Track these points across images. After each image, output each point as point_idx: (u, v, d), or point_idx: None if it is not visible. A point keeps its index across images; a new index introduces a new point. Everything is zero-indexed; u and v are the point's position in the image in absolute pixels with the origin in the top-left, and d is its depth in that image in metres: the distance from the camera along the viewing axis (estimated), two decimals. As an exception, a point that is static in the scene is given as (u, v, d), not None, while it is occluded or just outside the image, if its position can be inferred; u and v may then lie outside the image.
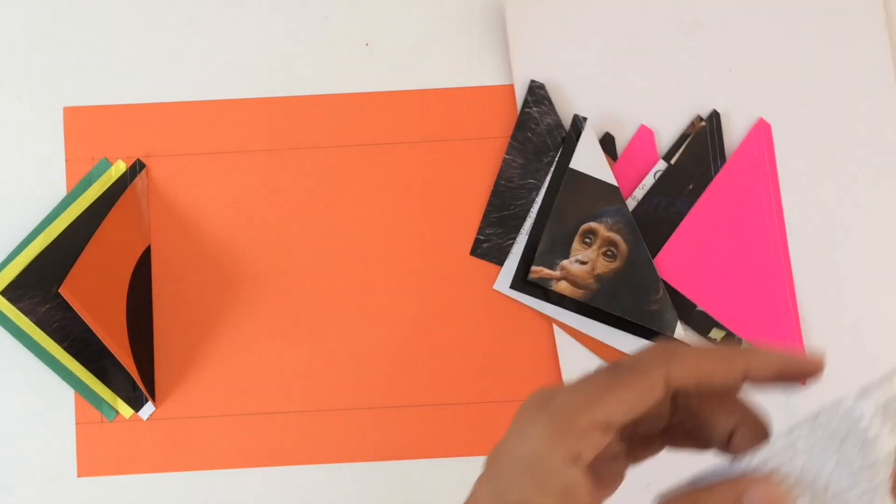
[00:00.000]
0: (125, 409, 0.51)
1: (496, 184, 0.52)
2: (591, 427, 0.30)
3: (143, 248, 0.51)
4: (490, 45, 0.53)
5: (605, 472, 0.33)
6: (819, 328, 0.51)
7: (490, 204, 0.52)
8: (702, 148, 0.52)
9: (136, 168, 0.52)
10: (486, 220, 0.51)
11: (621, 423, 0.30)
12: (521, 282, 0.51)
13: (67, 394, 0.51)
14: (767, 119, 0.52)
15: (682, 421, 0.33)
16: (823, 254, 0.51)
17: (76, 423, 0.51)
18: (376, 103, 0.52)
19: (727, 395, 0.33)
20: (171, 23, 0.53)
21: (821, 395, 0.51)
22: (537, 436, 0.31)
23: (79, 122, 0.52)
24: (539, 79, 0.52)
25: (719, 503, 0.32)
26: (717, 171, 0.51)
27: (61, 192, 0.52)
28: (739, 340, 0.50)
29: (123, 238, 0.51)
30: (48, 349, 0.50)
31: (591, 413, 0.30)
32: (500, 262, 0.51)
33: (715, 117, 0.52)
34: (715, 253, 0.51)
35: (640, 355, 0.31)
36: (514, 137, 0.52)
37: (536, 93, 0.52)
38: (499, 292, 0.51)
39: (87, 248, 0.48)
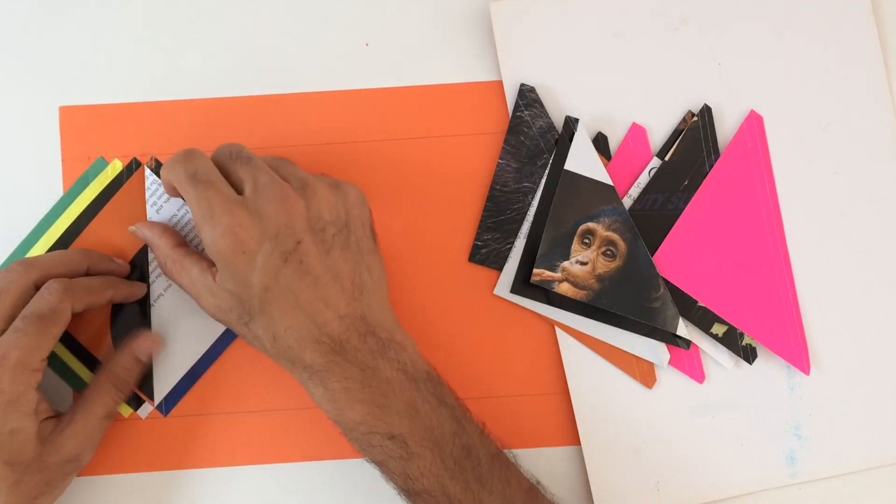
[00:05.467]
0: (124, 408, 0.51)
1: (491, 189, 0.52)
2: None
3: (139, 247, 0.51)
4: (490, 44, 0.53)
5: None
6: (819, 317, 0.51)
7: (486, 209, 0.52)
8: (695, 143, 0.52)
9: (133, 167, 0.52)
10: (483, 226, 0.52)
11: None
12: (522, 285, 0.51)
13: (66, 393, 0.51)
14: (759, 111, 0.52)
15: None
16: (820, 243, 0.52)
17: None
18: (373, 100, 0.53)
19: None
20: (169, 22, 0.53)
21: (823, 385, 0.52)
22: None
23: (75, 121, 0.52)
24: (529, 81, 0.52)
25: (124, 363, 0.48)
26: (711, 165, 0.52)
27: (58, 191, 0.52)
28: (741, 335, 0.50)
29: (118, 236, 0.51)
30: (54, 352, 0.50)
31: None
32: (499, 268, 0.51)
33: (706, 112, 0.52)
34: (713, 248, 0.51)
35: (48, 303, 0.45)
36: (506, 142, 0.52)
37: (527, 96, 0.52)
38: (499, 297, 0.51)
39: (75, 245, 0.50)
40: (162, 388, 0.51)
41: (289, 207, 0.43)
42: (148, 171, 0.52)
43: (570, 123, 0.52)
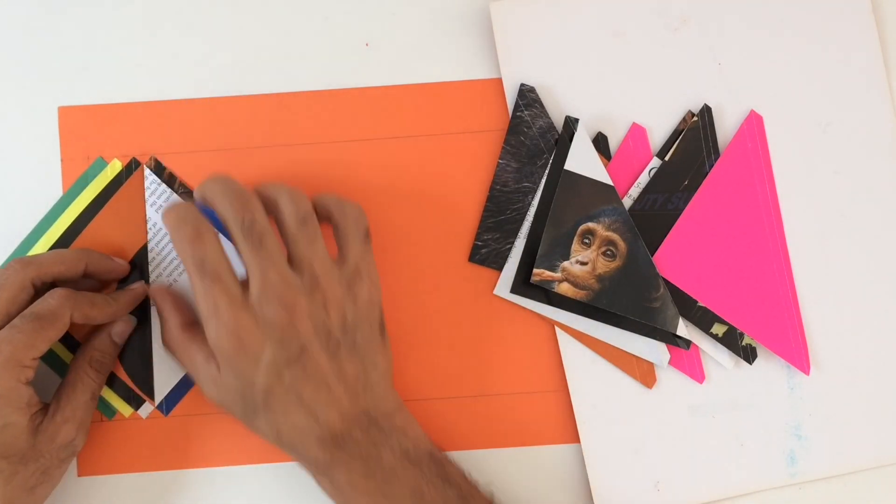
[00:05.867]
0: (124, 408, 0.51)
1: (491, 189, 0.52)
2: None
3: (139, 246, 0.51)
4: (490, 43, 0.53)
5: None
6: (819, 317, 0.51)
7: (486, 209, 0.52)
8: (695, 143, 0.52)
9: (132, 167, 0.52)
10: (483, 226, 0.52)
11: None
12: (522, 286, 0.51)
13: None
14: (759, 111, 0.52)
15: None
16: (820, 243, 0.52)
17: None
18: (373, 98, 0.53)
19: None
20: (169, 21, 0.53)
21: (823, 385, 0.52)
22: None
23: (74, 121, 0.52)
24: (529, 81, 0.52)
25: (100, 346, 0.49)
26: (711, 165, 0.52)
27: (57, 192, 0.52)
28: (741, 335, 0.50)
29: (117, 236, 0.51)
30: (52, 349, 0.50)
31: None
32: (499, 268, 0.51)
33: (706, 112, 0.52)
34: (713, 248, 0.51)
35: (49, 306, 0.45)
36: (506, 142, 0.52)
37: (527, 96, 0.52)
38: (499, 297, 0.51)
39: (74, 245, 0.50)
40: (162, 387, 0.51)
41: (295, 314, 0.43)
42: (147, 171, 0.52)
43: (570, 123, 0.52)
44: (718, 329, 0.50)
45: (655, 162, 0.52)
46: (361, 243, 0.46)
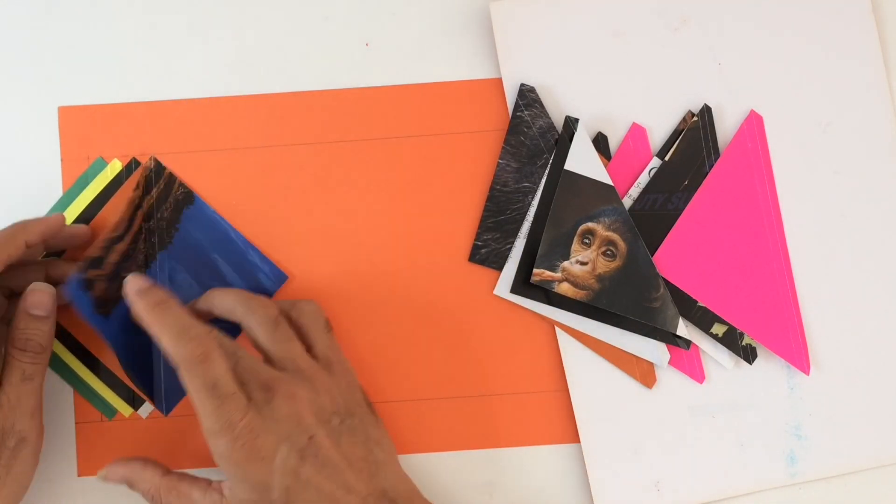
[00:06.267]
0: (124, 408, 0.51)
1: (491, 189, 0.52)
2: None
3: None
4: (490, 43, 0.53)
5: None
6: (819, 317, 0.51)
7: (486, 209, 0.52)
8: (695, 143, 0.52)
9: (132, 166, 0.52)
10: (483, 226, 0.52)
11: None
12: (522, 286, 0.51)
13: (66, 393, 0.51)
14: (759, 111, 0.52)
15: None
16: (820, 243, 0.52)
17: (76, 423, 0.51)
18: (373, 98, 0.53)
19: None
20: (169, 21, 0.53)
21: (823, 385, 0.52)
22: None
23: (74, 121, 0.52)
24: (529, 81, 0.52)
25: (20, 324, 0.46)
26: (711, 165, 0.52)
27: (57, 192, 0.52)
28: (741, 335, 0.50)
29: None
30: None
31: None
32: (499, 268, 0.51)
33: (706, 112, 0.52)
34: (713, 248, 0.51)
35: None
36: (506, 142, 0.52)
37: (527, 96, 0.52)
38: (499, 297, 0.51)
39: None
40: (162, 387, 0.51)
41: (297, 405, 0.44)
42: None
43: (570, 123, 0.52)
44: (718, 329, 0.50)
45: (655, 162, 0.52)
46: (325, 336, 0.48)
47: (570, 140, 0.51)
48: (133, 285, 0.45)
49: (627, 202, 0.51)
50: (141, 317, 0.44)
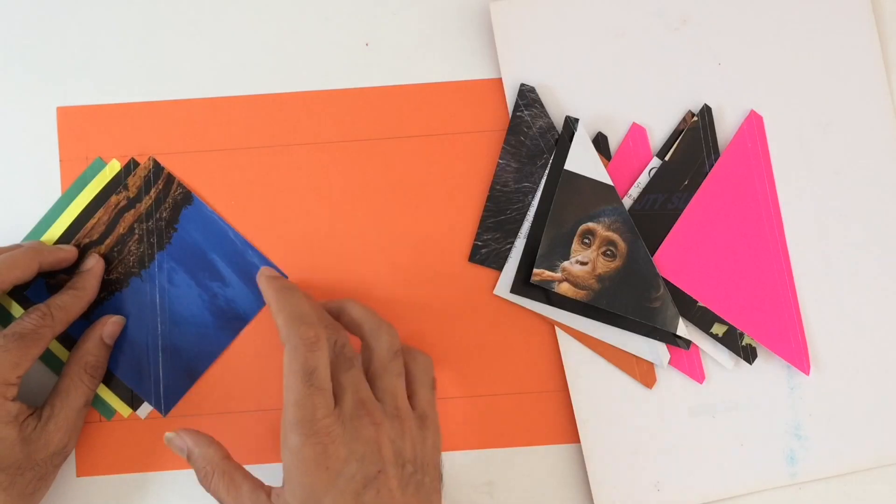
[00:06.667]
0: (123, 409, 0.51)
1: (491, 189, 0.52)
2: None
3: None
4: (490, 43, 0.53)
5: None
6: (819, 317, 0.51)
7: (486, 209, 0.52)
8: (695, 143, 0.52)
9: (131, 167, 0.52)
10: (483, 226, 0.51)
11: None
12: (522, 286, 0.51)
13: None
14: (759, 111, 0.52)
15: None
16: (820, 243, 0.52)
17: None
18: (373, 98, 0.53)
19: None
20: (169, 21, 0.53)
21: (823, 385, 0.52)
22: None
23: (72, 121, 0.52)
24: (529, 81, 0.52)
25: (93, 350, 0.49)
26: (711, 165, 0.52)
27: (56, 192, 0.52)
28: (741, 335, 0.50)
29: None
30: (48, 348, 0.50)
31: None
32: (499, 268, 0.51)
33: (706, 112, 0.52)
34: (713, 248, 0.51)
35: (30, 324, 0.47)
36: (506, 142, 0.52)
37: (527, 96, 0.52)
38: (499, 297, 0.51)
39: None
40: (161, 388, 0.51)
41: (380, 435, 0.43)
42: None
43: (570, 123, 0.52)
44: (718, 329, 0.50)
45: (655, 162, 0.52)
46: (429, 392, 0.47)
47: (570, 140, 0.51)
48: (265, 272, 0.48)
49: (627, 202, 0.51)
50: (268, 298, 0.45)
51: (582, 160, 0.51)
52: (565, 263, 0.50)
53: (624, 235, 0.50)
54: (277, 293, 0.45)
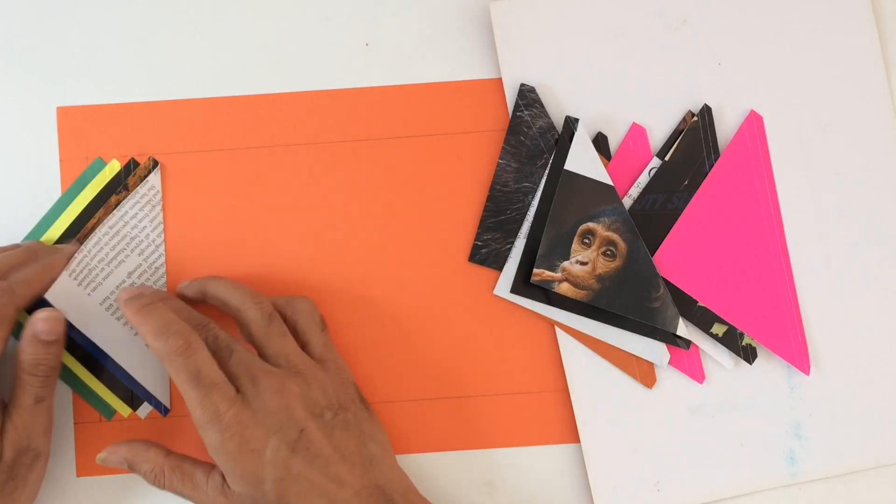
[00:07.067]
0: (123, 409, 0.51)
1: (491, 189, 0.52)
2: None
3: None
4: (490, 43, 0.53)
5: None
6: (819, 317, 0.51)
7: (486, 209, 0.52)
8: (695, 143, 0.52)
9: (131, 167, 0.52)
10: (483, 226, 0.51)
11: None
12: (522, 286, 0.51)
13: (65, 393, 0.51)
14: (759, 111, 0.52)
15: None
16: (820, 243, 0.52)
17: (74, 423, 0.51)
18: (372, 98, 0.53)
19: None
20: (169, 21, 0.53)
21: (823, 385, 0.52)
22: None
23: (72, 121, 0.52)
24: (529, 81, 0.52)
25: (28, 349, 0.46)
26: (711, 165, 0.52)
27: (56, 192, 0.52)
28: (741, 335, 0.50)
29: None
30: (63, 363, 0.50)
31: None
32: (499, 268, 0.51)
33: (706, 112, 0.52)
34: (713, 248, 0.51)
35: None
36: (506, 142, 0.52)
37: (527, 96, 0.52)
38: (499, 297, 0.51)
39: None
40: (161, 388, 0.51)
41: (288, 398, 0.44)
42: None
43: (570, 123, 0.52)
44: (718, 329, 0.50)
45: (655, 162, 0.52)
46: (320, 333, 0.48)
47: (570, 140, 0.51)
48: (122, 296, 0.46)
49: (627, 202, 0.51)
50: (129, 321, 0.45)
51: (582, 160, 0.51)
52: (565, 263, 0.50)
53: (624, 235, 0.50)
54: (136, 314, 0.45)
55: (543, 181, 0.52)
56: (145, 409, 0.51)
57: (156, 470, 0.46)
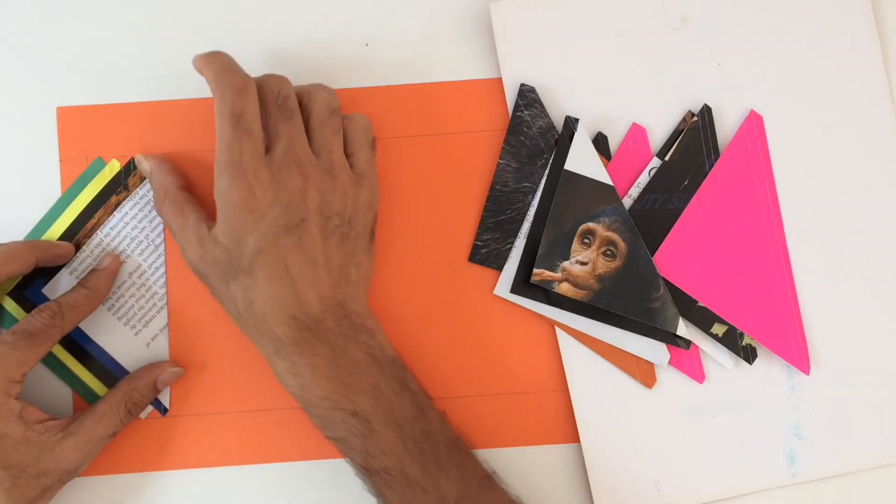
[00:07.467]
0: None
1: (491, 189, 0.52)
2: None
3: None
4: (490, 43, 0.53)
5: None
6: (819, 317, 0.51)
7: (486, 209, 0.52)
8: (695, 143, 0.52)
9: (131, 167, 0.52)
10: (483, 226, 0.51)
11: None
12: (522, 286, 0.51)
13: (65, 393, 0.51)
14: (759, 111, 0.52)
15: None
16: (820, 242, 0.52)
17: None
18: (372, 98, 0.53)
19: None
20: (168, 21, 0.53)
21: (823, 385, 0.52)
22: None
23: (72, 121, 0.52)
24: (529, 81, 0.52)
25: (143, 389, 0.49)
26: (711, 165, 0.52)
27: (56, 192, 0.52)
28: (741, 335, 0.50)
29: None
30: (51, 351, 0.50)
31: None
32: (499, 268, 0.51)
33: (706, 112, 0.52)
34: (713, 248, 0.51)
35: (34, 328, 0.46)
36: (506, 142, 0.52)
37: (527, 96, 0.52)
38: (499, 297, 0.51)
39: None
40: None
41: (307, 185, 0.45)
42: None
43: (570, 123, 0.52)
44: (718, 329, 0.50)
45: (655, 162, 0.52)
46: (369, 151, 0.49)
47: (570, 140, 0.51)
48: (197, 56, 0.47)
49: (627, 202, 0.51)
50: (198, 67, 0.46)
51: (582, 160, 0.51)
52: (565, 263, 0.50)
53: (624, 235, 0.50)
54: (204, 58, 0.46)
55: (543, 181, 0.52)
56: (145, 409, 0.51)
57: (161, 194, 0.48)
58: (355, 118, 0.49)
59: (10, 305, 0.50)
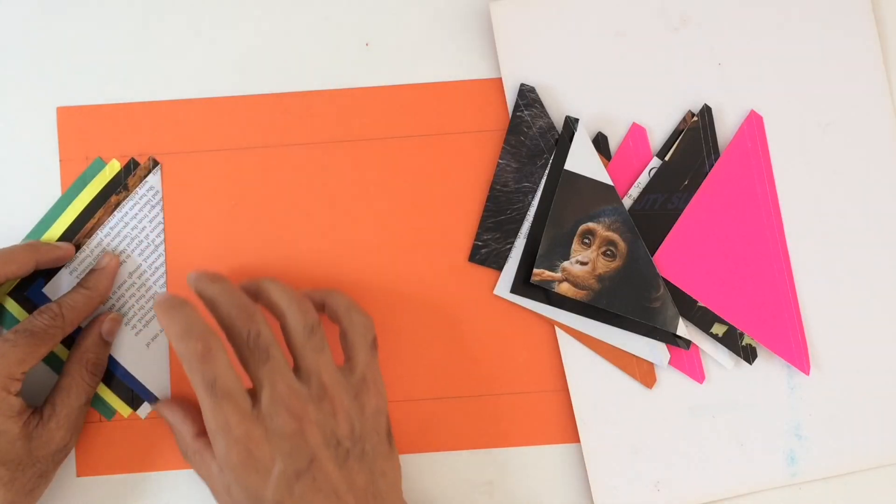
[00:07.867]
0: (123, 408, 0.51)
1: (491, 189, 0.52)
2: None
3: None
4: (490, 43, 0.53)
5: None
6: (819, 317, 0.51)
7: (486, 209, 0.52)
8: (695, 143, 0.52)
9: (131, 167, 0.52)
10: (483, 226, 0.51)
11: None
12: (522, 285, 0.51)
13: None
14: (759, 111, 0.52)
15: None
16: (820, 242, 0.52)
17: None
18: (372, 98, 0.53)
19: None
20: (168, 21, 0.53)
21: (823, 385, 0.52)
22: None
23: (72, 121, 0.52)
24: (529, 81, 0.52)
25: (93, 347, 0.49)
26: (711, 165, 0.52)
27: (56, 192, 0.52)
28: (741, 335, 0.50)
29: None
30: None
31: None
32: (499, 267, 0.51)
33: (707, 112, 0.52)
34: (713, 248, 0.51)
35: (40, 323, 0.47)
36: (506, 142, 0.52)
37: (527, 96, 0.52)
38: (499, 297, 0.51)
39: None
40: (161, 388, 0.51)
41: (304, 425, 0.43)
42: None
43: (570, 123, 0.52)
44: (718, 329, 0.50)
45: (655, 162, 0.52)
46: (368, 353, 0.46)
47: (570, 140, 0.51)
48: (158, 298, 0.45)
49: (627, 202, 0.51)
50: (159, 321, 0.45)
51: (582, 160, 0.51)
52: (565, 263, 0.50)
53: (624, 235, 0.50)
54: (164, 315, 0.43)
55: (543, 181, 0.52)
56: (146, 409, 0.51)
57: (181, 444, 0.47)
58: (354, 318, 0.47)
59: (11, 306, 0.50)
